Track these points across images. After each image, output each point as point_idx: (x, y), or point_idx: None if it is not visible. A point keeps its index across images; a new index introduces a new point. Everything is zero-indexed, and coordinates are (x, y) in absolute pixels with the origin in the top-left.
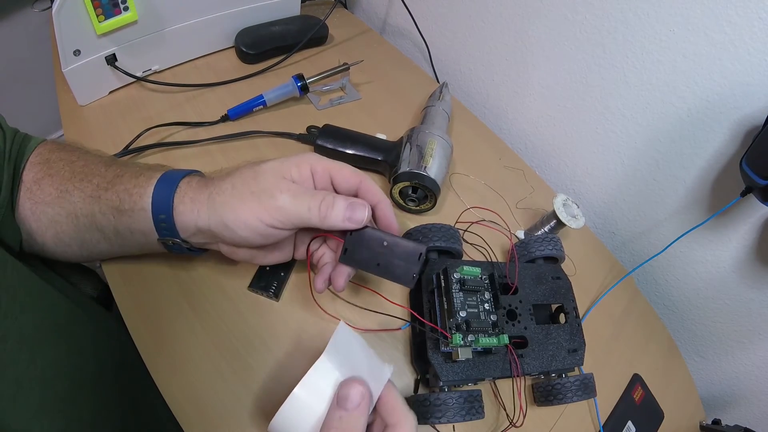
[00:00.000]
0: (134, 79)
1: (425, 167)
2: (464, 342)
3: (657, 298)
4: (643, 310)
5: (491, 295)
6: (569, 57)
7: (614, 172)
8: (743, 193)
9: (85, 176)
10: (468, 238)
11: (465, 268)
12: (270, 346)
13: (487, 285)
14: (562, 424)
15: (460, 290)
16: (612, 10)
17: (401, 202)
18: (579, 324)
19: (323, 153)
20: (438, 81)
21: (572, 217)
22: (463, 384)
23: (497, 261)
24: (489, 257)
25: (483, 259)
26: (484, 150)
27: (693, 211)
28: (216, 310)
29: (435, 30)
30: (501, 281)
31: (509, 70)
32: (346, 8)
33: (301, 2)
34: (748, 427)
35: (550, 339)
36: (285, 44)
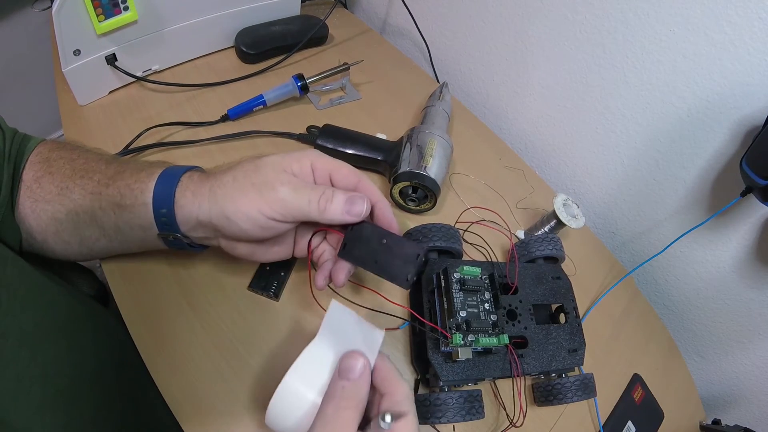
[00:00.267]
0: (134, 79)
1: (425, 167)
2: (464, 342)
3: (657, 298)
4: (643, 310)
5: (491, 295)
6: (569, 57)
7: (614, 172)
8: (743, 193)
9: (85, 173)
10: (468, 238)
11: (465, 268)
12: (270, 346)
13: (487, 285)
14: (562, 424)
15: (460, 290)
16: (612, 10)
17: (401, 202)
18: (579, 324)
19: (323, 153)
20: (438, 81)
21: (572, 217)
22: (463, 384)
23: (497, 261)
24: (489, 257)
25: (483, 259)
26: (484, 150)
27: (693, 211)
28: (216, 310)
29: (435, 30)
30: (501, 281)
31: (509, 70)
32: (346, 8)
33: (301, 2)
34: (748, 427)
35: (550, 339)
36: (285, 44)
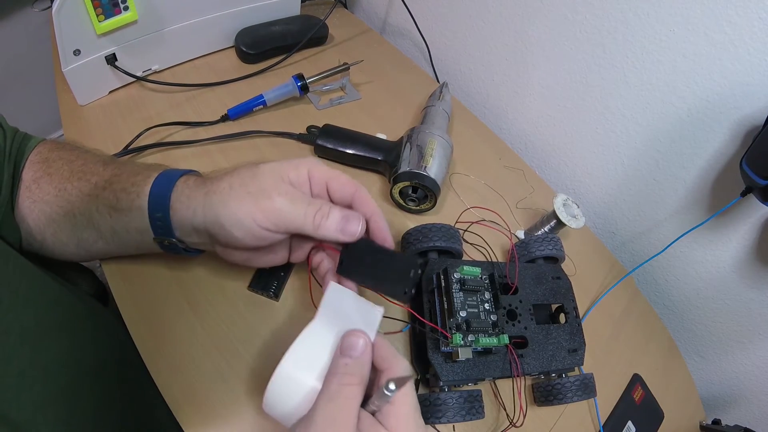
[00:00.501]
0: (134, 79)
1: (425, 167)
2: (464, 342)
3: (657, 298)
4: (643, 310)
5: (491, 295)
6: (569, 57)
7: (614, 172)
8: (743, 193)
9: (83, 175)
10: (468, 238)
11: (465, 268)
12: (270, 346)
13: (487, 285)
14: (562, 424)
15: (460, 290)
16: (612, 10)
17: (401, 201)
18: (579, 324)
19: (323, 153)
20: (438, 81)
21: (572, 217)
22: (463, 384)
23: (497, 261)
24: (489, 257)
25: (483, 259)
26: (484, 150)
27: (693, 211)
28: (216, 310)
29: (435, 30)
30: (501, 281)
31: (509, 70)
32: (346, 8)
33: (301, 2)
34: (748, 427)
35: (550, 339)
36: (285, 44)
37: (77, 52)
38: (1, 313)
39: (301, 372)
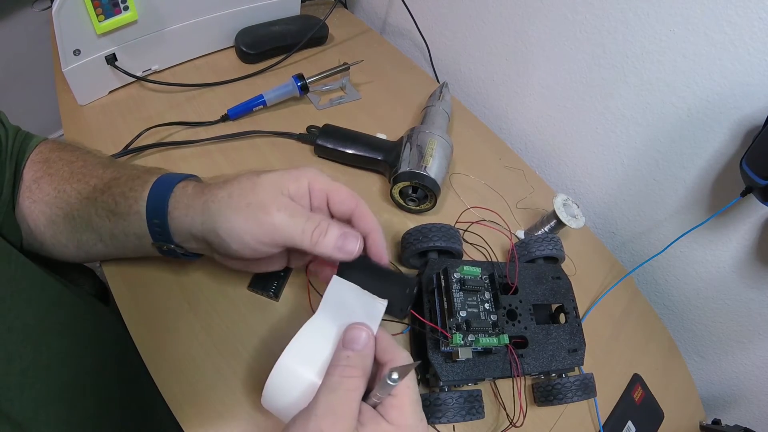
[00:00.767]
0: (134, 79)
1: (425, 167)
2: (464, 342)
3: (657, 298)
4: (643, 310)
5: (491, 295)
6: (569, 57)
7: (614, 172)
8: (743, 193)
9: (82, 177)
10: (468, 238)
11: (465, 268)
12: (270, 346)
13: (488, 285)
14: (562, 424)
15: (461, 290)
16: (612, 10)
17: (401, 201)
18: (579, 324)
19: (323, 152)
20: (438, 81)
21: (572, 217)
22: (463, 384)
23: (497, 261)
24: (489, 257)
25: (483, 259)
26: (484, 150)
27: (693, 211)
28: (216, 310)
29: (435, 30)
30: (501, 281)
31: (509, 70)
32: (346, 8)
33: (301, 2)
34: (748, 427)
35: (550, 339)
36: (285, 44)
37: (77, 52)
38: (3, 311)
39: (301, 365)
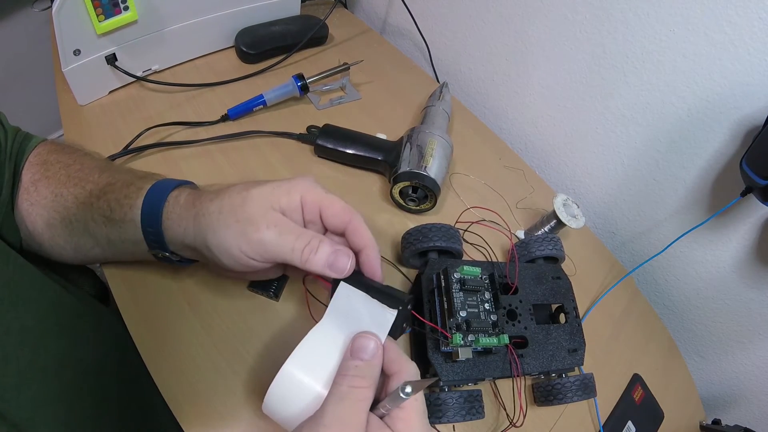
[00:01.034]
0: (134, 79)
1: (425, 167)
2: (464, 342)
3: (657, 298)
4: (643, 310)
5: (491, 295)
6: (569, 57)
7: (614, 172)
8: (743, 193)
9: (79, 181)
10: (468, 238)
11: (465, 268)
12: (270, 346)
13: (488, 285)
14: (562, 424)
15: (461, 290)
16: (612, 10)
17: (401, 201)
18: (579, 324)
19: (323, 152)
20: (438, 81)
21: (572, 217)
22: (463, 384)
23: (497, 261)
24: (489, 257)
25: (483, 259)
26: (484, 150)
27: (693, 211)
28: (216, 310)
29: (435, 30)
30: (501, 281)
31: (509, 70)
32: (346, 8)
33: (301, 2)
34: (748, 427)
35: (550, 339)
36: (285, 44)
37: (77, 52)
38: (2, 312)
39: (306, 375)
